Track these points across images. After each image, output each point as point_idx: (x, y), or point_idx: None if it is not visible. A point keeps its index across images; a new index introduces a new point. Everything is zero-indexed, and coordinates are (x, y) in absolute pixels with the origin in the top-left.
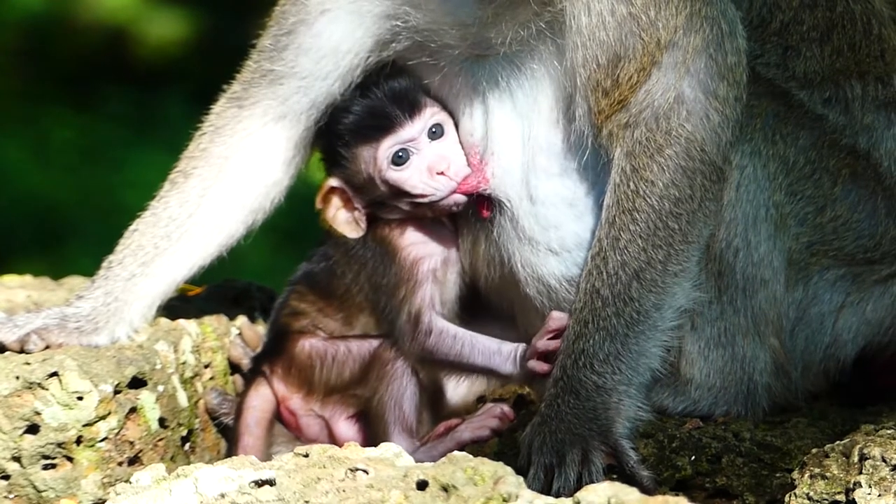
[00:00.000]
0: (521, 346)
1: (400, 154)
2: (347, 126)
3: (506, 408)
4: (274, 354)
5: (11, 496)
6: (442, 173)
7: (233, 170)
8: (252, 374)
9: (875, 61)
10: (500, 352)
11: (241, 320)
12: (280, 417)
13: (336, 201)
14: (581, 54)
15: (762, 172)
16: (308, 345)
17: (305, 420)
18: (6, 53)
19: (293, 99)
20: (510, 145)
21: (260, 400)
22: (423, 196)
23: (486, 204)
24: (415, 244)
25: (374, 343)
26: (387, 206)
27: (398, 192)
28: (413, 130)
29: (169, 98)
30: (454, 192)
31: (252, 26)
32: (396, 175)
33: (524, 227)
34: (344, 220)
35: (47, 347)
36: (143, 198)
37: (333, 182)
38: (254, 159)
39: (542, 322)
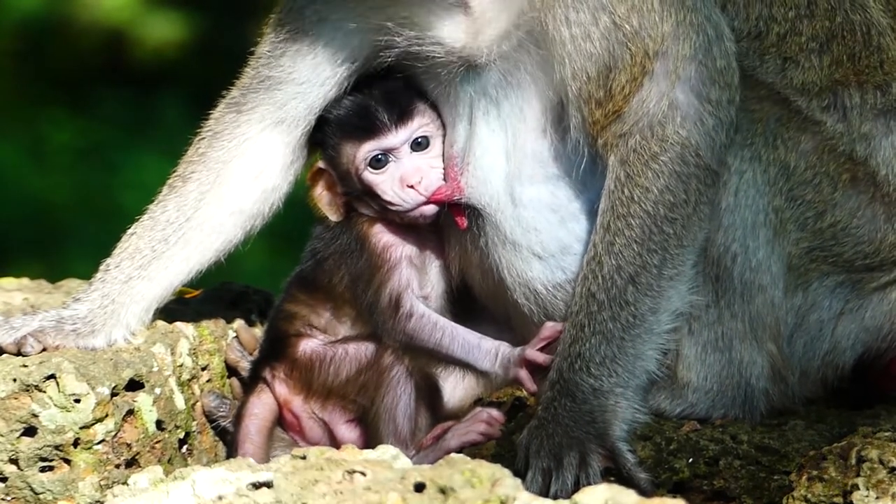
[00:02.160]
0: (503, 345)
1: (379, 158)
2: (337, 118)
3: (494, 412)
4: (274, 359)
5: (9, 498)
6: (412, 186)
7: (231, 175)
8: (252, 381)
9: (874, 71)
10: (479, 347)
11: (238, 323)
12: (282, 421)
13: (322, 182)
14: (569, 67)
15: (762, 177)
16: (308, 347)
17: (308, 423)
18: (3, 55)
19: (291, 105)
20: (494, 154)
21: (261, 407)
22: (391, 203)
23: (463, 214)
24: (385, 232)
25: (371, 347)
26: (361, 200)
27: (371, 193)
28: (396, 139)
29: (166, 100)
30: (422, 204)
31: (250, 29)
32: (371, 177)
33: (505, 231)
34: (327, 201)
35: (44, 350)
36: (141, 200)
37: (322, 164)
38: (252, 164)
39: (538, 328)
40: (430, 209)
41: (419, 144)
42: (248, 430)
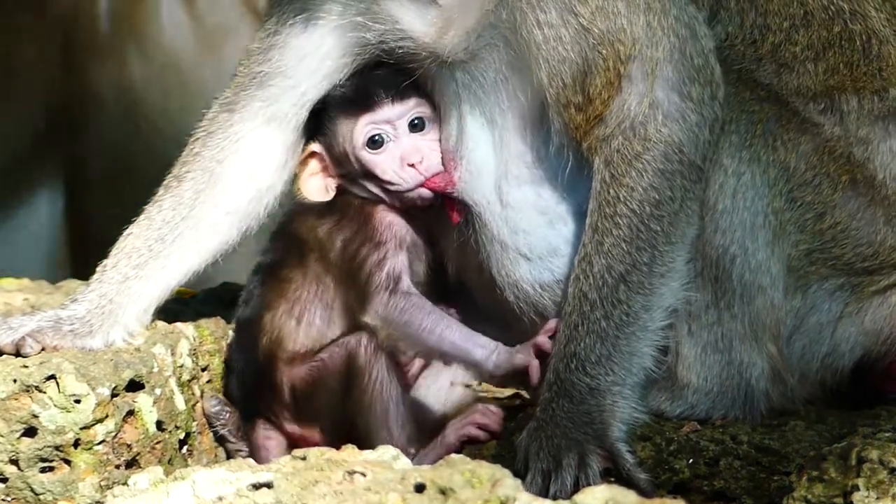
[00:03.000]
0: (499, 344)
1: (376, 138)
2: (333, 97)
3: (492, 406)
4: (272, 400)
5: (9, 499)
6: (412, 165)
7: (225, 174)
8: (249, 418)
9: (872, 78)
10: (478, 336)
11: None
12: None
13: (313, 166)
14: (545, 71)
15: (761, 179)
16: (298, 378)
17: None
18: None
19: (283, 100)
20: (482, 152)
21: (274, 445)
22: (391, 183)
23: (456, 208)
24: (388, 212)
25: (344, 349)
26: (357, 183)
27: (369, 174)
28: (391, 113)
29: None
30: (421, 185)
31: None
32: (370, 157)
33: (493, 231)
34: (315, 186)
35: (42, 350)
36: None
37: (315, 147)
38: (246, 163)
39: (540, 325)
40: (427, 193)
41: (416, 125)
42: None
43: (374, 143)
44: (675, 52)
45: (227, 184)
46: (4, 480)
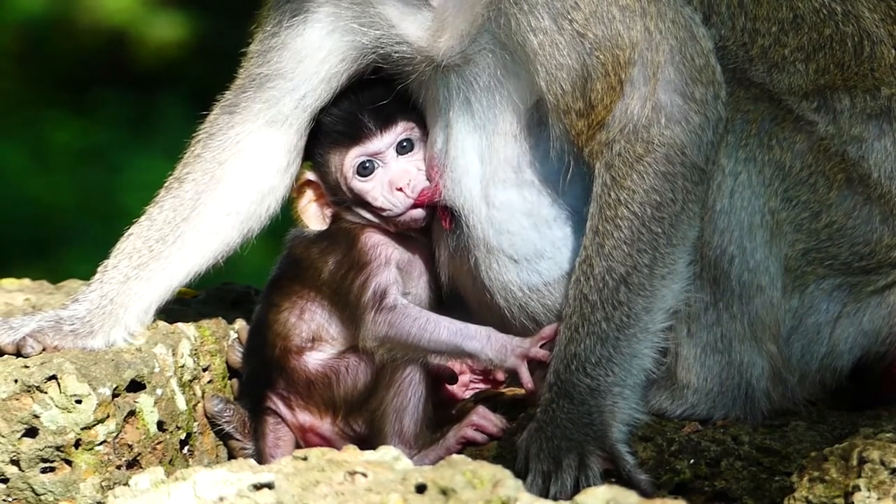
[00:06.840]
0: (491, 329)
1: (366, 165)
2: (323, 128)
3: (491, 415)
4: (282, 387)
5: (10, 499)
6: (401, 189)
7: (226, 175)
8: (257, 412)
9: (864, 77)
10: (466, 328)
11: (240, 324)
12: (307, 445)
13: (309, 194)
14: (543, 77)
15: (757, 178)
16: (319, 364)
17: (342, 444)
18: (5, 55)
19: (283, 102)
20: (469, 156)
21: (284, 446)
22: (382, 209)
23: (447, 215)
24: (375, 233)
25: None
26: (351, 210)
27: (361, 201)
28: (381, 144)
29: (168, 101)
30: (411, 207)
31: (250, 30)
32: (360, 185)
33: (479, 233)
34: (313, 212)
35: (43, 350)
36: (142, 201)
37: (310, 175)
38: (247, 165)
39: (526, 333)
40: (419, 213)
41: (404, 148)
42: None
43: (365, 169)
44: (675, 54)
45: (229, 185)
46: (5, 481)
